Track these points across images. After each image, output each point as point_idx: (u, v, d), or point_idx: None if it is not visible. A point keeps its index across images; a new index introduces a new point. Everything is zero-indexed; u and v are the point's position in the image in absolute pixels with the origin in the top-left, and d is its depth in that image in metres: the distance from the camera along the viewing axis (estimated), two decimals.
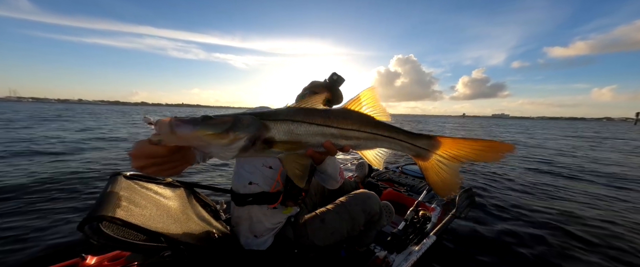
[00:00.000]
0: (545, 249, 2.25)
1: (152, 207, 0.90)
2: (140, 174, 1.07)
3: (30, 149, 5.80)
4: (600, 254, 2.18)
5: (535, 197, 3.67)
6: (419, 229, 1.63)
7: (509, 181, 4.65)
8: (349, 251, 1.43)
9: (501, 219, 2.82)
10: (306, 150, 0.60)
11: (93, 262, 1.17)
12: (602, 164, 6.60)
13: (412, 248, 1.46)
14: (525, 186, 4.33)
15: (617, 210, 3.21)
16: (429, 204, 2.06)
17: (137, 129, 11.84)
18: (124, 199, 0.83)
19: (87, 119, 17.27)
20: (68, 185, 3.45)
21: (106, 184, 0.91)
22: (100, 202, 0.78)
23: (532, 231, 2.57)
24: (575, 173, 5.41)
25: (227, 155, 0.53)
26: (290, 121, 0.58)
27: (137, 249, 0.78)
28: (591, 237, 2.45)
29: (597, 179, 4.90)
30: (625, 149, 10.30)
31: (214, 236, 1.06)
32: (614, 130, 27.78)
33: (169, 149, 0.52)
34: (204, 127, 0.49)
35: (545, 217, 2.90)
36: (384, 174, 2.89)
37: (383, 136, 0.65)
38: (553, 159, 7.25)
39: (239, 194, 1.10)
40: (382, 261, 1.36)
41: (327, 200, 1.68)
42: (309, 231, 1.14)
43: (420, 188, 2.45)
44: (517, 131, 22.87)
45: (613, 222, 2.80)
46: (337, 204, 1.23)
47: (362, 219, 1.21)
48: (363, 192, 1.28)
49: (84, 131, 9.96)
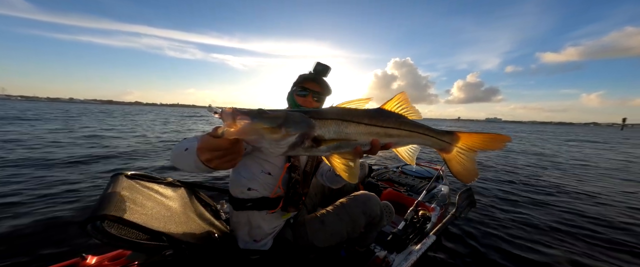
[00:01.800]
0: (546, 249, 2.26)
1: (154, 207, 0.90)
2: (141, 174, 1.07)
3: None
4: (601, 254, 2.19)
5: (536, 198, 3.67)
6: (418, 229, 1.63)
7: (510, 181, 4.66)
8: (349, 251, 1.43)
9: (501, 219, 2.83)
10: (354, 148, 0.63)
11: (93, 262, 1.16)
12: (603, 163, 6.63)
13: (412, 248, 1.47)
14: (526, 185, 4.34)
15: (623, 208, 3.22)
16: (428, 204, 2.06)
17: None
18: (126, 199, 0.83)
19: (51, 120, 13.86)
20: (68, 185, 3.45)
21: (108, 183, 0.91)
22: (102, 201, 0.78)
23: (532, 231, 2.58)
24: (576, 173, 5.42)
25: (277, 150, 0.53)
26: (340, 120, 0.61)
27: (140, 248, 0.78)
28: (592, 237, 2.46)
29: (598, 179, 4.91)
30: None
31: (215, 236, 1.06)
32: (612, 136, 27.88)
33: (230, 142, 0.53)
34: (260, 120, 0.50)
35: (546, 218, 2.91)
36: (384, 174, 2.89)
37: (418, 133, 0.72)
38: (553, 159, 7.26)
39: (238, 198, 1.09)
40: (382, 260, 1.36)
41: (328, 200, 1.67)
42: (309, 233, 1.14)
43: (420, 188, 2.45)
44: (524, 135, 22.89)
45: (614, 222, 2.81)
46: (337, 206, 1.23)
47: (363, 221, 1.20)
48: (363, 194, 1.27)
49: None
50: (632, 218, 2.96)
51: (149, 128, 13.09)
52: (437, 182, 2.58)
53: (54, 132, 8.87)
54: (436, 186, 2.46)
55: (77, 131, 9.66)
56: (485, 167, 5.76)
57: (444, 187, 2.42)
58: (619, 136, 25.21)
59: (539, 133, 26.68)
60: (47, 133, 8.55)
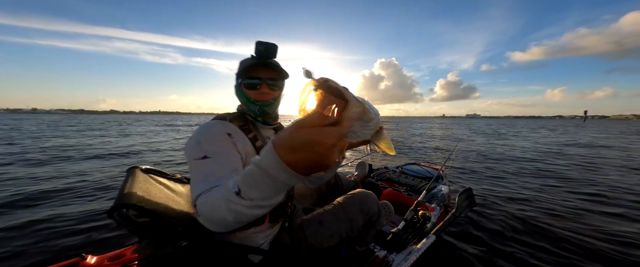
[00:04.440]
0: (548, 250, 2.25)
1: (167, 199, 0.94)
2: (154, 169, 1.13)
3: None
4: (601, 254, 2.19)
5: (538, 198, 3.66)
6: (418, 229, 1.63)
7: (510, 181, 4.65)
8: (348, 250, 1.43)
9: (502, 220, 2.82)
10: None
11: (93, 261, 1.17)
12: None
13: (412, 248, 1.47)
14: (527, 186, 4.33)
15: (628, 208, 3.22)
16: (428, 204, 2.06)
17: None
18: (143, 190, 0.88)
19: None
20: (67, 185, 3.45)
21: (126, 175, 0.98)
22: (125, 191, 0.84)
23: (533, 231, 2.57)
24: (577, 174, 5.40)
25: (363, 133, 0.47)
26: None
27: (159, 237, 0.83)
28: (594, 238, 2.45)
29: (603, 178, 4.90)
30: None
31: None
32: (590, 128, 27.78)
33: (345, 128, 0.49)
34: (358, 100, 0.45)
35: (547, 218, 2.90)
36: (384, 173, 2.89)
37: None
38: (553, 160, 7.25)
39: None
40: (381, 260, 1.36)
41: (324, 199, 1.67)
42: (308, 234, 1.12)
43: (420, 188, 2.45)
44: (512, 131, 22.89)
45: (617, 223, 2.80)
46: (335, 205, 1.22)
47: (361, 219, 1.20)
48: (360, 192, 1.26)
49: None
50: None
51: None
52: (437, 182, 2.58)
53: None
54: (436, 186, 2.46)
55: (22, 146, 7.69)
56: (486, 166, 5.76)
57: (444, 187, 2.42)
58: (594, 129, 24.52)
59: (511, 126, 26.25)
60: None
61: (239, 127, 0.91)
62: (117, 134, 13.72)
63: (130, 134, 13.97)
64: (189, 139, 0.82)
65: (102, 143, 9.42)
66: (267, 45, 0.87)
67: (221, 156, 0.76)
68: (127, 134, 13.92)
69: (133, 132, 15.34)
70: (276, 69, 0.92)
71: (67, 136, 12.04)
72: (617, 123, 79.14)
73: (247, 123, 0.95)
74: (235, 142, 0.84)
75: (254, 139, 0.92)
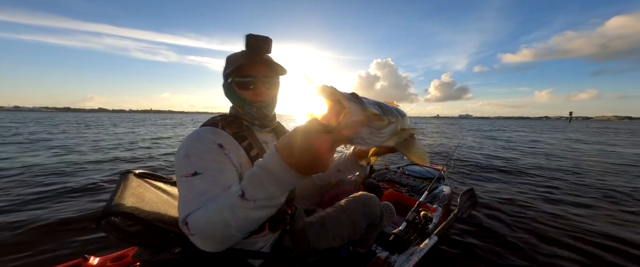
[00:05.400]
0: (549, 250, 2.25)
1: (162, 204, 0.92)
2: (149, 173, 1.10)
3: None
4: (602, 254, 2.18)
5: (539, 198, 3.65)
6: (420, 230, 1.63)
7: (511, 181, 4.64)
8: (350, 252, 1.43)
9: (503, 220, 2.81)
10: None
11: (96, 262, 1.17)
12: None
13: (414, 249, 1.46)
14: (528, 186, 4.32)
15: (628, 211, 3.20)
16: (430, 205, 2.06)
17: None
18: (136, 196, 0.86)
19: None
20: (68, 185, 3.47)
21: (118, 181, 0.94)
22: (115, 197, 0.81)
23: (535, 231, 2.56)
24: (580, 176, 5.38)
25: (375, 140, 0.48)
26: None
27: (151, 244, 0.80)
28: (596, 238, 2.44)
29: (604, 178, 4.87)
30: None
31: None
32: (578, 129, 27.69)
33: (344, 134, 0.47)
34: (368, 106, 0.45)
35: (549, 218, 2.89)
36: (385, 174, 2.89)
37: None
38: (554, 160, 7.23)
39: None
40: (383, 261, 1.36)
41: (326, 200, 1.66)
42: (310, 237, 1.11)
43: (421, 189, 2.44)
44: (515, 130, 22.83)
45: (619, 223, 2.79)
46: (337, 208, 1.21)
47: (363, 222, 1.19)
48: (363, 195, 1.25)
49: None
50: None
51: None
52: (439, 183, 2.58)
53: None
54: (438, 187, 2.46)
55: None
56: (486, 166, 5.74)
57: (445, 188, 2.42)
58: (584, 130, 24.19)
59: (502, 129, 26.18)
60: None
61: (232, 134, 0.84)
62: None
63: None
64: (177, 150, 0.75)
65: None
66: (260, 38, 0.77)
67: (213, 171, 0.70)
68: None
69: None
70: (271, 65, 0.84)
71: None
72: (599, 123, 79.12)
73: (241, 129, 0.88)
74: (228, 153, 0.77)
75: (248, 147, 0.85)
